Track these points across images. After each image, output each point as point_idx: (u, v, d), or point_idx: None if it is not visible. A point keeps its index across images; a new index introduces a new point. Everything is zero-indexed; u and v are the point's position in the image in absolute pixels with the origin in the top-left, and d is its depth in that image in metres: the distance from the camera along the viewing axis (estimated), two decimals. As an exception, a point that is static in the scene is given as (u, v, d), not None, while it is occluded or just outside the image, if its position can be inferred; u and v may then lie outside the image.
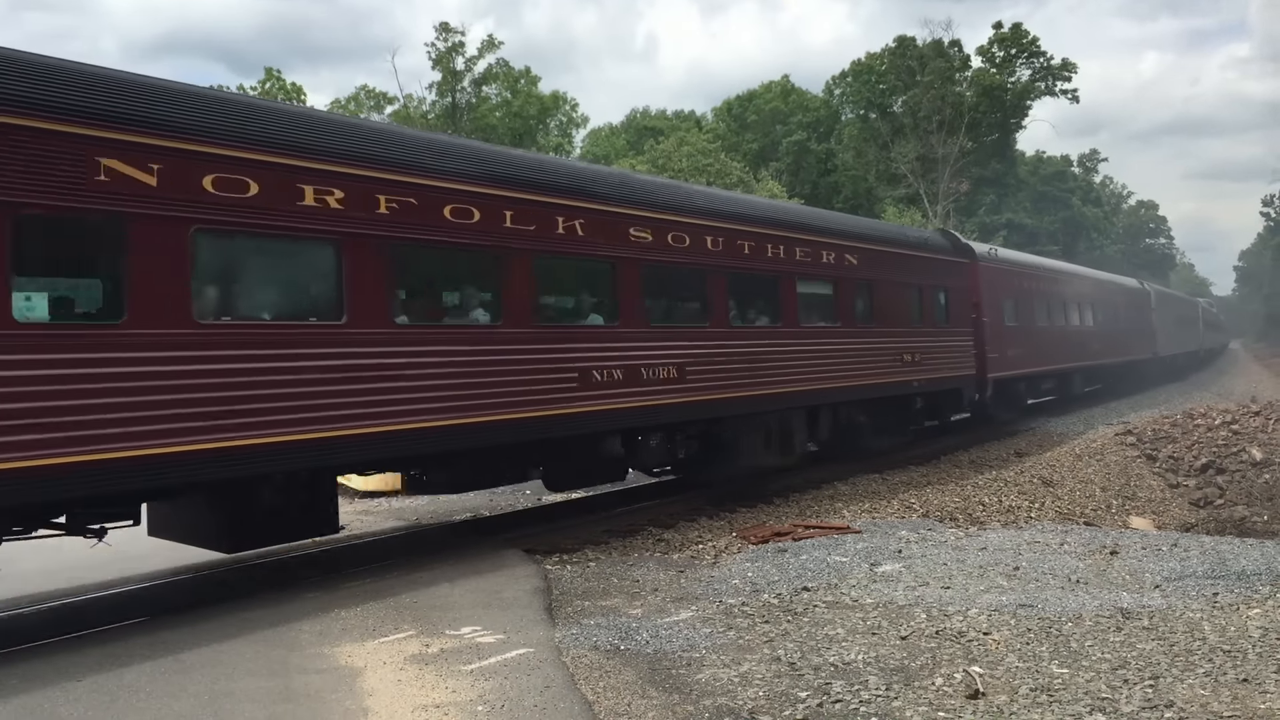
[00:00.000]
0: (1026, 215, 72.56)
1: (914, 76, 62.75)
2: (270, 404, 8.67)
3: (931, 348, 20.20)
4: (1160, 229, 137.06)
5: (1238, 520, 18.41)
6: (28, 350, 7.30)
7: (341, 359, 9.27)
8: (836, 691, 6.26)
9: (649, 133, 67.12)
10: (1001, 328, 24.10)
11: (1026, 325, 26.15)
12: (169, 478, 8.04)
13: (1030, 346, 26.06)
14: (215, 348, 8.37)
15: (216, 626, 8.21)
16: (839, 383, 16.89)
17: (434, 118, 49.28)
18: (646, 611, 8.61)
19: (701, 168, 42.64)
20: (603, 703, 6.30)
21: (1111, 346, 35.02)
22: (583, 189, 12.27)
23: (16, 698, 6.50)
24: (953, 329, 21.30)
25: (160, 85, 8.70)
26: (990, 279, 23.81)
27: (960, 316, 21.70)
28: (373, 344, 9.56)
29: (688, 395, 13.44)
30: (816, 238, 16.74)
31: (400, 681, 6.70)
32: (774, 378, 15.21)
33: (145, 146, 8.00)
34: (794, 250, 15.95)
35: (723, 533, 12.93)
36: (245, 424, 8.53)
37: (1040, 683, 6.29)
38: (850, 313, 17.54)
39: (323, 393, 9.07)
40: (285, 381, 8.81)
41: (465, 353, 10.57)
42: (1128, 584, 9.05)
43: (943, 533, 12.43)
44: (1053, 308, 28.80)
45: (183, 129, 8.29)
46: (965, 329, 21.81)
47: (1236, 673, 6.34)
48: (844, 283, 17.35)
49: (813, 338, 16.36)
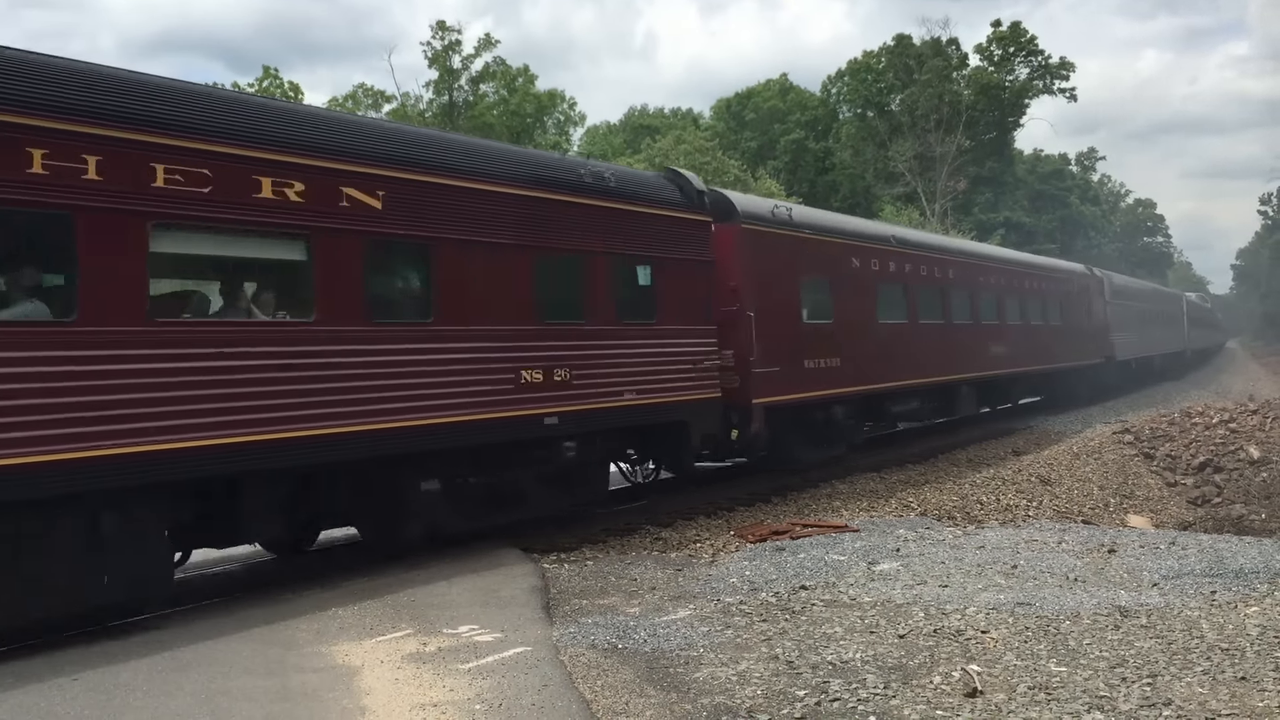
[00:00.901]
0: (1024, 214, 72.56)
1: (911, 75, 62.80)
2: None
3: (610, 358, 12.68)
4: (1158, 227, 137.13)
5: (1235, 518, 18.43)
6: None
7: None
8: (835, 690, 6.25)
9: (646, 131, 67.09)
10: (792, 327, 16.56)
11: (854, 322, 18.30)
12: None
13: (862, 354, 18.24)
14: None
15: (213, 624, 8.20)
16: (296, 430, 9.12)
17: (431, 116, 49.22)
18: (644, 610, 8.60)
19: (699, 166, 42.61)
20: (600, 701, 6.29)
21: (1035, 350, 27.12)
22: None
23: (12, 696, 6.48)
24: (672, 326, 13.70)
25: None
26: (765, 252, 15.99)
27: (694, 307, 14.13)
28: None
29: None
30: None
31: (398, 680, 6.69)
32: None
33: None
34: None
35: (720, 531, 12.93)
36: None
37: (1038, 681, 6.28)
38: (342, 301, 9.66)
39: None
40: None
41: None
42: (1126, 582, 9.04)
43: (940, 531, 12.43)
44: (920, 298, 21.06)
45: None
46: (702, 326, 14.27)
47: (1234, 671, 6.33)
48: (334, 244, 9.57)
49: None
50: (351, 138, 10.13)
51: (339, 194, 9.64)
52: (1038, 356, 27.40)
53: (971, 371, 23.32)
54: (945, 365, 21.81)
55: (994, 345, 24.62)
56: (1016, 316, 26.41)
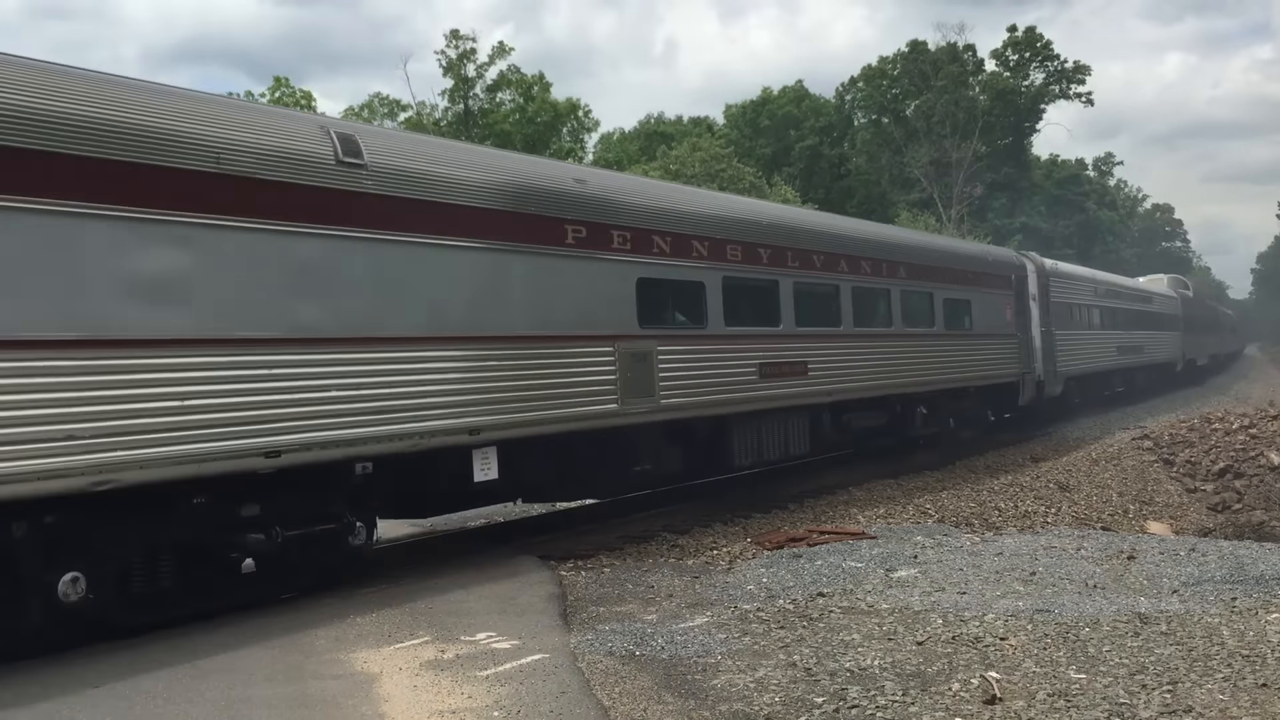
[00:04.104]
0: (1041, 219, 72.33)
1: (927, 81, 62.73)
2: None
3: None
4: (1176, 232, 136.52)
5: (1256, 525, 18.30)
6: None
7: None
8: (853, 697, 6.24)
9: (661, 138, 67.15)
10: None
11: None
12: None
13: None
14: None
15: (233, 632, 8.25)
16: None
17: (446, 125, 49.40)
18: (662, 617, 8.61)
19: (715, 173, 42.64)
20: (618, 708, 6.30)
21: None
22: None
23: (38, 704, 6.55)
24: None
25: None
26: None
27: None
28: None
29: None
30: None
31: (416, 687, 6.71)
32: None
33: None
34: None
35: (737, 538, 12.91)
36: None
37: (1058, 688, 6.25)
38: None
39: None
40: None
41: None
42: (1145, 589, 9.00)
43: (958, 538, 12.39)
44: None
45: None
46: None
47: (1255, 678, 6.29)
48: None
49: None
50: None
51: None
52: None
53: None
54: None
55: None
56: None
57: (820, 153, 68.11)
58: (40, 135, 7.47)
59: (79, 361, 7.55)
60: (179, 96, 8.84)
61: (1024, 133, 68.11)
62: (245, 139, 8.79)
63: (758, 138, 70.63)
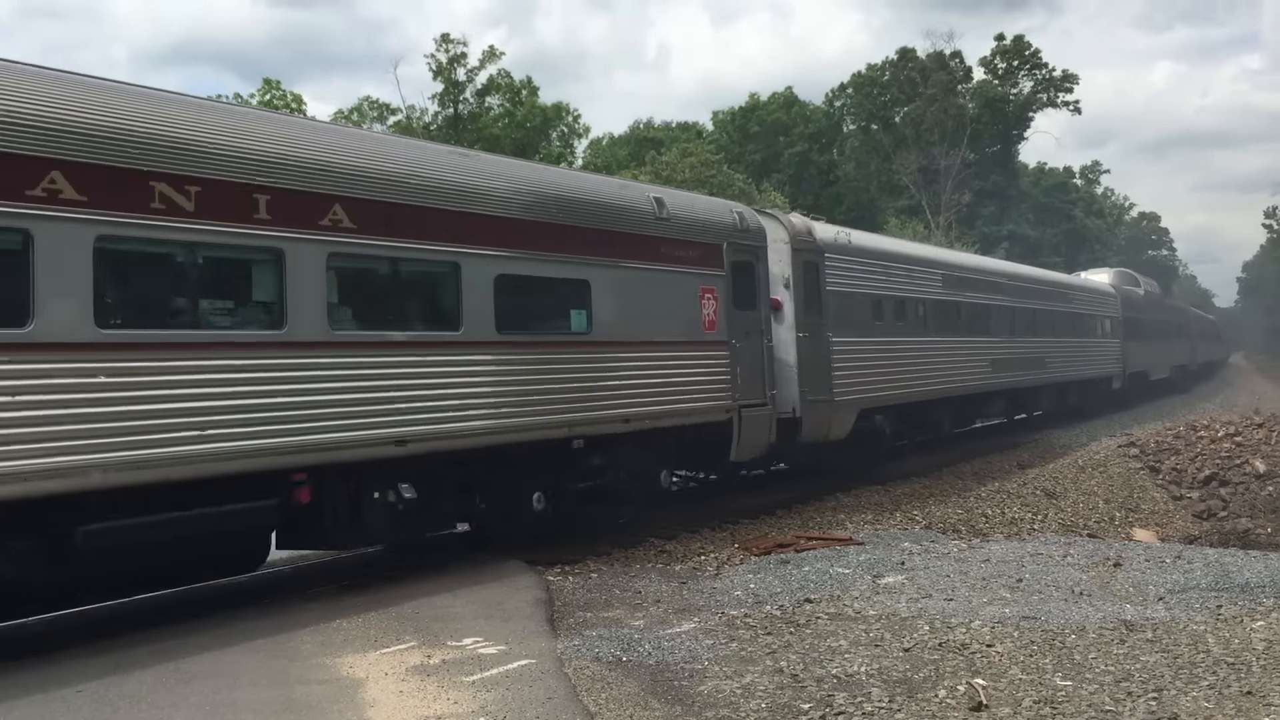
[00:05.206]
0: (1029, 227, 72.58)
1: (916, 88, 62.97)
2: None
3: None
4: (1162, 241, 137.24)
5: (1241, 532, 18.35)
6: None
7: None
8: (839, 703, 6.23)
9: (650, 144, 67.18)
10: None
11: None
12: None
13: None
14: None
15: (217, 636, 8.19)
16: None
17: (436, 129, 49.32)
18: (649, 623, 8.59)
19: (704, 179, 42.67)
20: (605, 714, 6.29)
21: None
22: None
23: (17, 707, 6.49)
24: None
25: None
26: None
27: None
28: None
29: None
30: None
31: (402, 693, 6.68)
32: None
33: None
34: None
35: (725, 544, 12.90)
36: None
37: (1044, 695, 6.26)
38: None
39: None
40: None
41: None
42: (1131, 596, 9.02)
43: (945, 544, 12.41)
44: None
45: None
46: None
47: (1240, 685, 6.32)
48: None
49: None
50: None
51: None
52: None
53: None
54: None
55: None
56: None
57: (809, 159, 68.24)
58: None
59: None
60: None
61: (1012, 140, 68.46)
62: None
63: (747, 143, 70.75)
